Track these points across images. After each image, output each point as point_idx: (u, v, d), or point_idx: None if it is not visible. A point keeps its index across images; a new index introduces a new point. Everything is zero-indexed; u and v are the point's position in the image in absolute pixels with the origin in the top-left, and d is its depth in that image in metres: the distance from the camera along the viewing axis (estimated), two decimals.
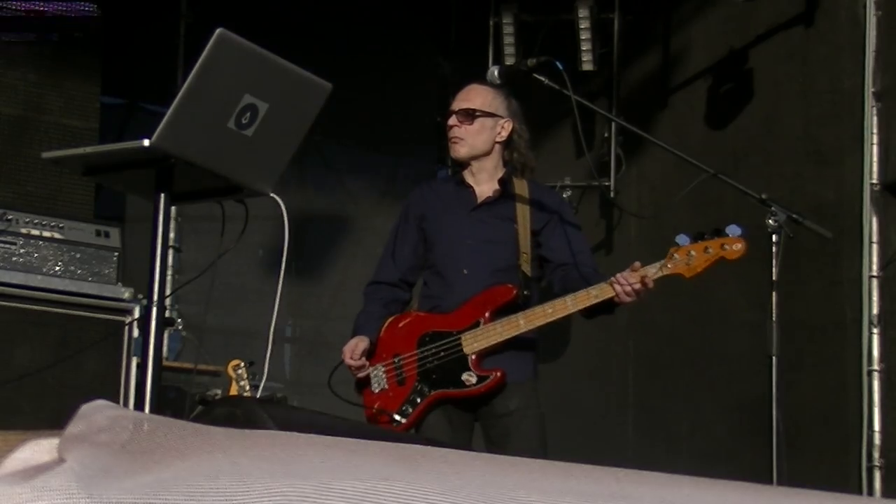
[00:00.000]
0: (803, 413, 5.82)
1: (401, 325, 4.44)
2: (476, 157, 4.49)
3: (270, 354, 3.61)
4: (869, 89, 6.10)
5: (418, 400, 4.30)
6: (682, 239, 4.18)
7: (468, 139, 4.46)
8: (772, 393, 3.88)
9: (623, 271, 4.21)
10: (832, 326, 6.14)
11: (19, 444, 1.48)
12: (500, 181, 4.48)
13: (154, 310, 3.25)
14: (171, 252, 6.50)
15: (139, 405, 3.24)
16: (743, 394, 6.11)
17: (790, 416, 4.01)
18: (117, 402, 3.98)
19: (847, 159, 6.19)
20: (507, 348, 4.29)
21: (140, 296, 5.25)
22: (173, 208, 3.81)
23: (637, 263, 4.18)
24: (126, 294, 5.35)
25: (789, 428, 3.92)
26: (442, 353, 4.31)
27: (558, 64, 4.26)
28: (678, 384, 6.78)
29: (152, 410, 3.15)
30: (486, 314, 4.30)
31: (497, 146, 4.49)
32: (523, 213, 4.42)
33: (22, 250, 5.29)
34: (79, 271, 5.36)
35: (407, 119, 8.02)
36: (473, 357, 4.28)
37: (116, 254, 5.47)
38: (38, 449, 1.47)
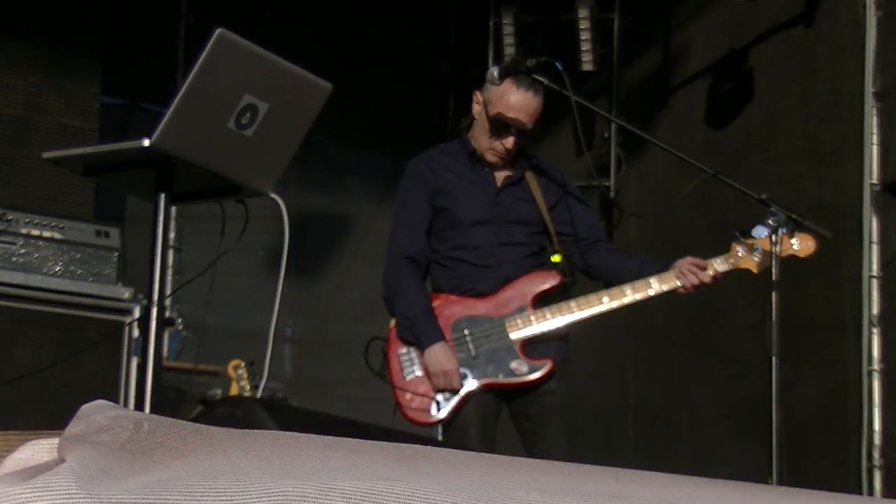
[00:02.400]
0: (803, 413, 5.82)
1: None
2: None
3: (270, 354, 3.61)
4: (869, 89, 6.09)
5: (462, 388, 4.15)
6: (758, 231, 4.03)
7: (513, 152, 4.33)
8: (772, 393, 3.88)
9: (681, 261, 4.16)
10: (832, 326, 6.14)
11: (19, 444, 1.48)
12: (517, 162, 4.38)
13: (154, 310, 3.25)
14: (171, 252, 6.50)
15: (139, 405, 3.23)
16: (743, 394, 6.11)
17: (790, 416, 4.01)
18: (117, 402, 3.98)
19: (847, 159, 6.19)
20: None
21: (140, 296, 5.25)
22: (173, 208, 3.81)
23: (698, 259, 4.14)
24: (126, 294, 5.35)
25: (789, 428, 3.92)
26: (483, 340, 4.19)
27: (558, 64, 4.26)
28: (678, 384, 6.78)
29: (152, 410, 3.15)
30: (530, 300, 4.22)
31: None
32: (538, 192, 4.36)
33: (22, 250, 5.29)
34: (79, 271, 5.36)
35: (407, 119, 8.03)
36: (519, 344, 4.19)
37: (116, 254, 5.47)
38: (38, 449, 1.47)
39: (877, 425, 5.93)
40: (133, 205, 6.39)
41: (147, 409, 3.17)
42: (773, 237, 4.01)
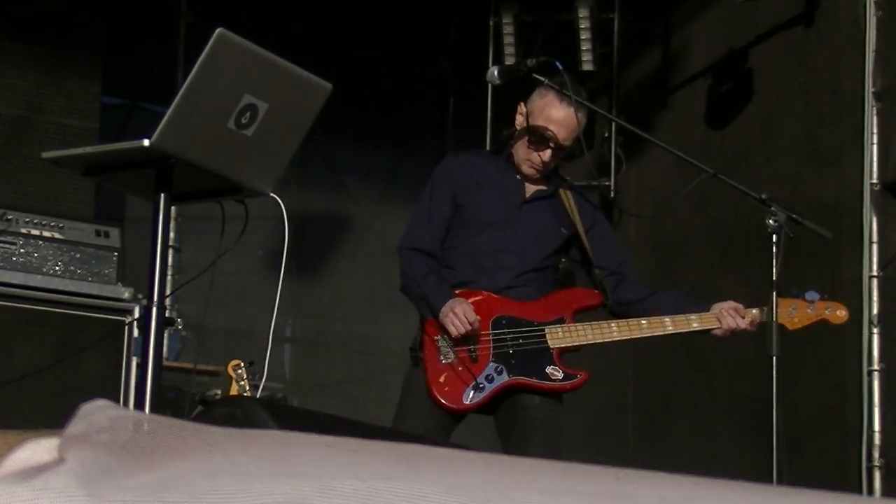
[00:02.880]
0: (803, 413, 5.82)
1: (470, 301, 4.29)
2: None
3: (270, 354, 3.61)
4: (869, 89, 6.10)
5: (496, 380, 4.22)
6: (811, 294, 4.31)
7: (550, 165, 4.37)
8: (772, 393, 3.88)
9: (721, 304, 4.27)
10: (832, 326, 6.13)
11: (19, 444, 1.48)
12: (551, 180, 4.42)
13: (154, 310, 3.25)
14: (171, 252, 6.50)
15: (139, 405, 3.24)
16: (743, 394, 6.11)
17: (790, 416, 4.01)
18: (117, 402, 3.97)
19: (847, 159, 6.19)
20: None
21: (140, 296, 5.24)
22: (173, 208, 3.81)
23: (739, 305, 4.25)
24: (126, 294, 5.34)
25: (789, 428, 3.92)
26: (521, 340, 4.25)
27: (558, 64, 4.26)
28: (678, 384, 6.78)
29: (152, 410, 3.15)
30: (570, 313, 4.30)
31: None
32: (574, 211, 4.39)
33: (22, 250, 5.29)
34: (79, 271, 5.36)
35: (407, 119, 8.03)
36: (556, 352, 4.26)
37: (116, 254, 5.47)
38: (38, 449, 1.47)
39: (877, 425, 5.93)
40: (133, 205, 6.39)
41: (147, 409, 3.17)
42: (776, 237, 4.02)
